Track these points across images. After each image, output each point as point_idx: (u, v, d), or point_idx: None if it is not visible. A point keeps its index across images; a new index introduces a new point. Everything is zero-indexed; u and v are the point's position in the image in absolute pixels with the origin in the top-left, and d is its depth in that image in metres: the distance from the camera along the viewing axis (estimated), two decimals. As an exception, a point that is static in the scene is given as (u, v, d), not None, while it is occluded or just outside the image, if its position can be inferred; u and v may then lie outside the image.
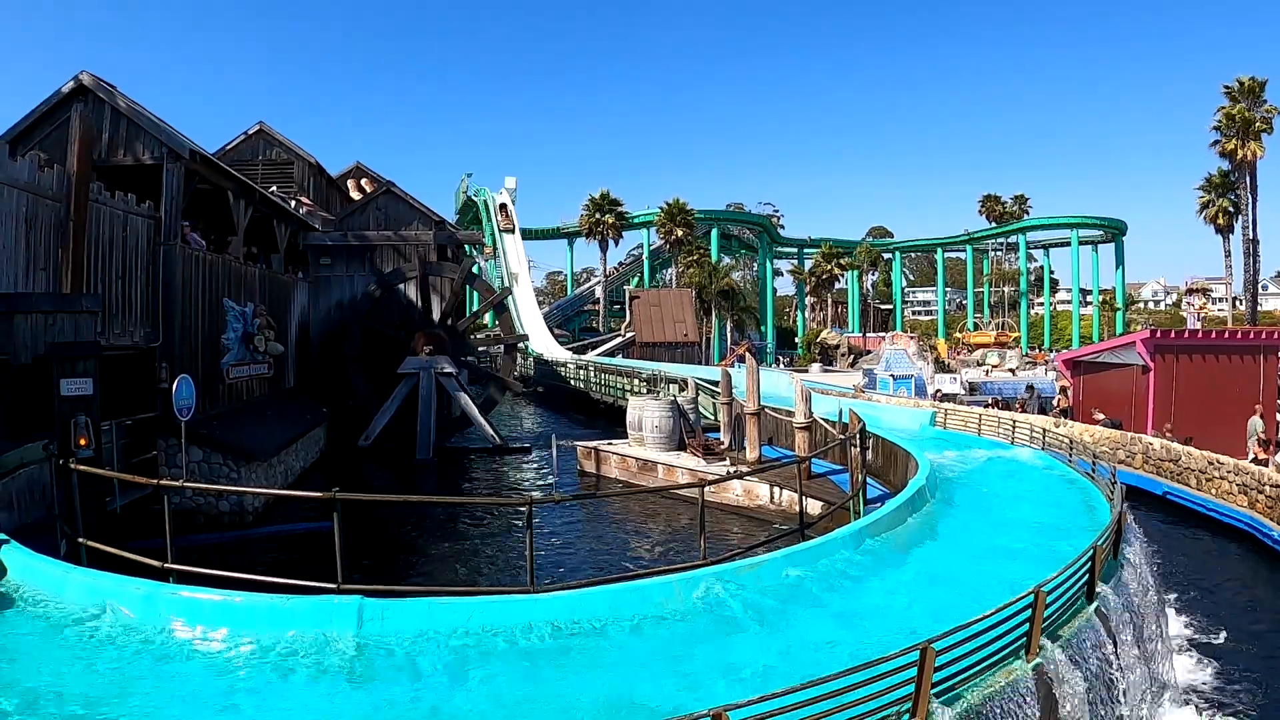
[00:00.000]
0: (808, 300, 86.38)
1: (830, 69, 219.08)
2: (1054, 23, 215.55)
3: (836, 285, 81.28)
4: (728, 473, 15.04)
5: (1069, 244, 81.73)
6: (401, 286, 26.89)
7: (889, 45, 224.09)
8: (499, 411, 28.51)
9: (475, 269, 30.41)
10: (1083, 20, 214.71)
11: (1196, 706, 8.69)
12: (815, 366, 61.95)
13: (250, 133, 28.98)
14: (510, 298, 55.33)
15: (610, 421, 28.68)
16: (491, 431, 25.52)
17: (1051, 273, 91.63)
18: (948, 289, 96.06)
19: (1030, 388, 34.26)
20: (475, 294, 30.45)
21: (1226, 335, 27.72)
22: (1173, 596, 11.92)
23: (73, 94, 16.22)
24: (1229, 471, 16.67)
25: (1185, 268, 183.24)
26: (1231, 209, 52.18)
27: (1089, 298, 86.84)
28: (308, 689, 5.59)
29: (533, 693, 5.60)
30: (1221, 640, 10.58)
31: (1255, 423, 21.26)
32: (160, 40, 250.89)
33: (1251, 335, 27.48)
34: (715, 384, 22.78)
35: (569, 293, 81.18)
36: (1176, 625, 11.01)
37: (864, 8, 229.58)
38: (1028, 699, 5.83)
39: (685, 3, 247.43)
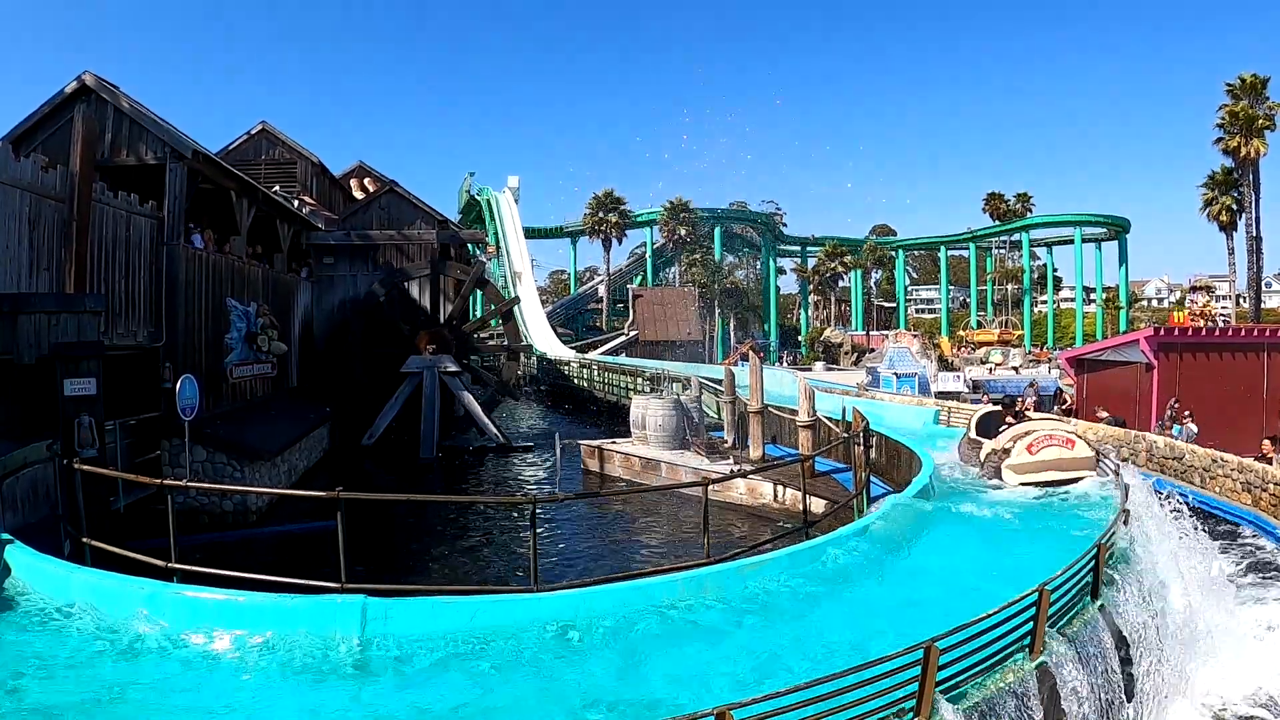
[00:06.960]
0: (811, 298, 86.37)
1: (833, 67, 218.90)
2: (1056, 20, 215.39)
3: (840, 283, 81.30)
4: (731, 471, 15.00)
5: (1072, 242, 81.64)
6: (406, 285, 26.89)
7: (892, 43, 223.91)
8: (502, 410, 28.48)
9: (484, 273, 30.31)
10: (1085, 18, 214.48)
11: (1203, 704, 8.66)
12: (819, 365, 61.95)
13: (253, 132, 28.99)
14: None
15: (614, 420, 28.67)
16: (495, 430, 25.51)
17: (1055, 270, 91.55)
18: (951, 287, 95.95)
19: (1032, 384, 34.19)
20: (481, 296, 30.36)
21: (1230, 333, 27.67)
22: (1178, 593, 11.86)
23: (75, 94, 16.22)
24: (1233, 469, 16.61)
25: (1189, 265, 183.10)
26: (1235, 206, 52.05)
27: (1092, 295, 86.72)
28: (312, 688, 5.59)
29: (537, 691, 5.60)
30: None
31: None
32: (163, 40, 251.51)
33: (1255, 333, 27.43)
34: (719, 382, 22.76)
35: (572, 291, 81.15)
36: (1182, 622, 10.96)
37: (867, 6, 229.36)
38: (1032, 698, 5.83)
39: (687, 2, 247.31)
